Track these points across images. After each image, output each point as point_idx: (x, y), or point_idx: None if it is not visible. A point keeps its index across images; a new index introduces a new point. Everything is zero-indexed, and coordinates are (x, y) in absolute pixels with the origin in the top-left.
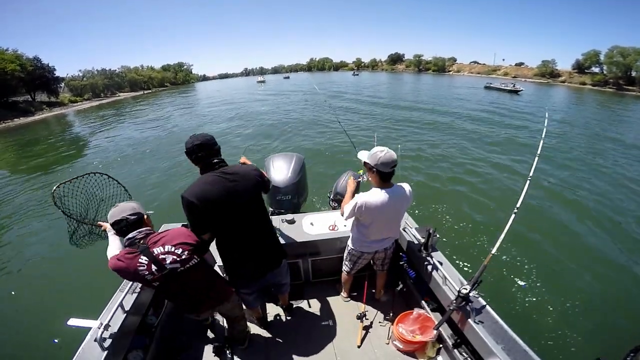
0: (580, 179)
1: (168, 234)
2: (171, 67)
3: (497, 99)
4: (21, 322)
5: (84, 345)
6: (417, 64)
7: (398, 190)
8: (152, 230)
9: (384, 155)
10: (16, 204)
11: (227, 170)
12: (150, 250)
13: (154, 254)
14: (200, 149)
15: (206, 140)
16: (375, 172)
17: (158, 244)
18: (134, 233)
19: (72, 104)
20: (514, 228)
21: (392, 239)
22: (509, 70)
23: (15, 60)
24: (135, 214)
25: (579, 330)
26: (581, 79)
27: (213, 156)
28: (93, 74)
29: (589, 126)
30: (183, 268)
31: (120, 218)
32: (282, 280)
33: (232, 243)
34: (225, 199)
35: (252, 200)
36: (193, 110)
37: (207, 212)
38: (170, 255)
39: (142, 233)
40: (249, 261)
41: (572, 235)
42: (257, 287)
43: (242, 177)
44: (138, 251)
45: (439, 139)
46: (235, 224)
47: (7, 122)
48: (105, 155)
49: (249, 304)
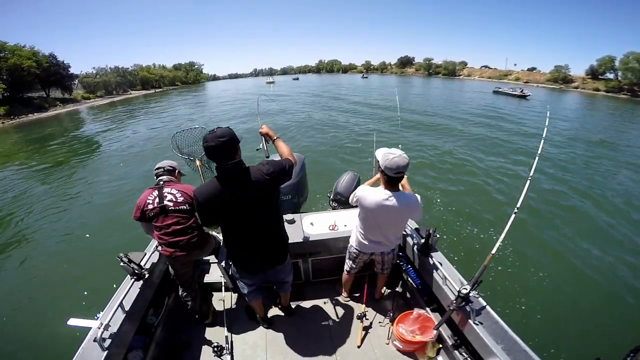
0: (581, 179)
1: (179, 185)
2: (182, 66)
3: (504, 104)
4: (21, 322)
5: (84, 345)
6: (427, 68)
7: (401, 197)
8: (176, 180)
9: (391, 159)
10: (25, 199)
11: (237, 176)
12: (163, 189)
13: (162, 191)
14: (211, 153)
15: (215, 145)
16: (381, 173)
17: (169, 187)
18: (162, 177)
19: (84, 101)
20: (514, 228)
21: (389, 246)
22: (520, 75)
23: (31, 56)
24: (170, 167)
25: (579, 330)
26: (595, 85)
27: (224, 160)
28: (106, 71)
29: (599, 131)
30: (174, 208)
31: (159, 166)
32: (285, 278)
33: (234, 239)
34: (227, 205)
35: (256, 203)
36: (205, 108)
37: (210, 211)
38: (171, 195)
39: (166, 178)
40: (250, 257)
41: (572, 236)
42: (257, 281)
43: (248, 185)
44: (156, 187)
45: (440, 140)
46: (237, 225)
47: (21, 117)
48: (120, 150)
49: (245, 295)
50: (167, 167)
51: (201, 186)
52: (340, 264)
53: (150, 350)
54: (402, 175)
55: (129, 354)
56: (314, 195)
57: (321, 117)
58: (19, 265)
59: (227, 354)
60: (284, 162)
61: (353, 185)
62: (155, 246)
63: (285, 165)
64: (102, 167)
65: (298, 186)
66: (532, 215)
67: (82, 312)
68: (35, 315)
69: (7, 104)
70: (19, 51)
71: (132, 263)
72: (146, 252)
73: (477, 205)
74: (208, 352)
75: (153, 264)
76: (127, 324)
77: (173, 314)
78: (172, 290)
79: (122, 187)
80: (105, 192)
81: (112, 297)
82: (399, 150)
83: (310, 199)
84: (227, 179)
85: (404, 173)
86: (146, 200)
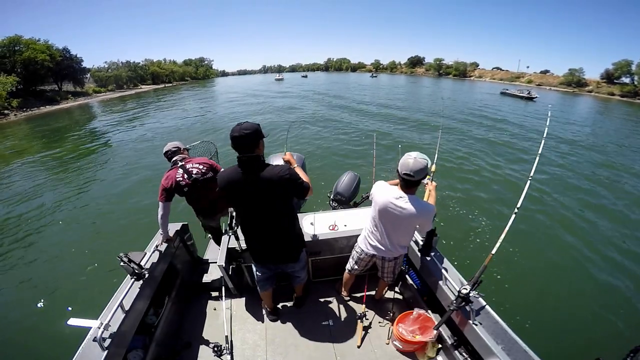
0: (585, 180)
1: (196, 159)
2: (192, 62)
3: (510, 105)
4: (21, 322)
5: (84, 345)
6: (437, 68)
7: (414, 201)
8: (187, 156)
9: (404, 159)
10: (32, 196)
11: (254, 168)
12: (185, 165)
13: (186, 167)
14: (234, 142)
15: (238, 135)
16: (397, 173)
17: (189, 162)
18: (176, 157)
19: (96, 94)
20: (514, 228)
21: (392, 252)
22: (533, 77)
23: (45, 50)
24: (175, 147)
25: (579, 330)
26: (609, 89)
27: (244, 152)
28: (118, 65)
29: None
30: (203, 178)
31: (167, 150)
32: (296, 272)
33: (246, 227)
34: (238, 193)
35: (266, 200)
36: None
37: (225, 191)
38: (195, 168)
39: (180, 157)
40: (260, 247)
41: (572, 236)
42: (270, 270)
43: (261, 180)
44: (178, 167)
45: (443, 140)
46: (249, 213)
47: (33, 109)
48: (132, 143)
49: (257, 283)
50: (173, 148)
51: (225, 170)
52: (340, 264)
53: (150, 350)
54: (412, 180)
55: (129, 354)
56: (314, 195)
57: (323, 116)
58: (19, 265)
59: (227, 354)
60: (304, 180)
61: (353, 186)
62: (155, 246)
63: (302, 182)
64: (108, 167)
65: None
66: (532, 216)
67: (82, 312)
68: (36, 316)
69: (20, 97)
70: (33, 45)
71: (132, 263)
72: (146, 252)
73: (477, 205)
74: (208, 352)
75: (153, 263)
76: (127, 324)
77: (173, 314)
78: (172, 290)
79: (128, 185)
80: (109, 193)
81: (112, 297)
82: (417, 153)
83: (311, 199)
84: (243, 169)
85: (413, 178)
86: (176, 180)
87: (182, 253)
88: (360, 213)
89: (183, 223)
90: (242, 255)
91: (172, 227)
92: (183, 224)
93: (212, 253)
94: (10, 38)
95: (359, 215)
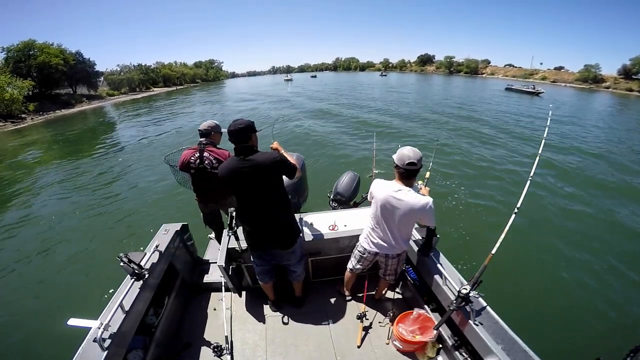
0: (584, 180)
1: (217, 151)
2: (203, 64)
3: (515, 101)
4: (21, 322)
5: (84, 345)
6: (448, 66)
7: (412, 192)
8: (214, 142)
9: (400, 153)
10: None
11: (247, 156)
12: (204, 152)
13: (203, 154)
14: (230, 135)
15: (233, 129)
16: (395, 168)
17: (209, 150)
18: (202, 139)
19: (109, 97)
20: (514, 228)
21: (395, 248)
22: (547, 74)
23: (59, 54)
24: (205, 129)
25: (579, 330)
26: (628, 85)
27: (239, 142)
28: (130, 69)
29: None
30: (210, 170)
31: (201, 128)
32: (292, 266)
33: (242, 211)
34: (236, 178)
35: (260, 183)
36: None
37: (225, 179)
38: (208, 159)
39: (206, 141)
40: (253, 231)
41: (572, 236)
42: (266, 262)
43: (255, 164)
44: (198, 148)
45: (442, 138)
46: (244, 198)
47: (49, 113)
48: (144, 144)
49: (257, 276)
50: (205, 130)
51: (225, 161)
52: (341, 264)
53: (150, 350)
54: (415, 168)
55: (129, 354)
56: (314, 195)
57: (326, 115)
58: (19, 265)
59: (227, 354)
60: (292, 162)
61: (353, 186)
62: (155, 246)
63: (290, 163)
64: (114, 169)
65: (298, 186)
66: (532, 216)
67: (82, 312)
68: (35, 316)
69: (36, 101)
70: (47, 49)
71: (132, 263)
72: (146, 252)
73: (478, 205)
74: (208, 352)
75: (153, 264)
76: (127, 324)
77: (173, 314)
78: (172, 290)
79: (132, 189)
80: (109, 193)
81: (112, 297)
82: (409, 147)
83: (310, 199)
84: (239, 156)
85: (416, 166)
86: (190, 158)
87: (182, 253)
88: (360, 213)
89: (183, 223)
90: (242, 255)
91: (172, 227)
92: (183, 224)
93: (212, 253)
94: (24, 42)
95: (359, 215)
